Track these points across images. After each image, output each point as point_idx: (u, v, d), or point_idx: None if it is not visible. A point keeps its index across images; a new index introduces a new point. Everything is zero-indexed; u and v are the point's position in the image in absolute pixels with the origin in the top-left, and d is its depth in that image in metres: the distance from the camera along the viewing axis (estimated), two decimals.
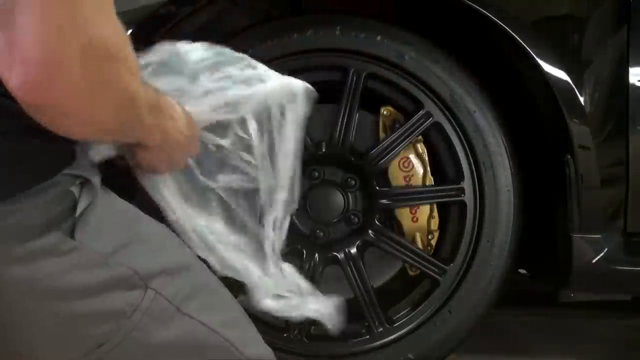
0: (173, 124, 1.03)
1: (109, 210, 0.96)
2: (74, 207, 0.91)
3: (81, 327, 0.91)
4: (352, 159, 1.79)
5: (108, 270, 0.91)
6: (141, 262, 0.94)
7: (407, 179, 1.81)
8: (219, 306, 1.02)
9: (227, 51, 1.14)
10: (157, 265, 0.96)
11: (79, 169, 0.93)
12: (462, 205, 1.78)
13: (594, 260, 1.76)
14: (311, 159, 1.80)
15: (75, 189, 0.91)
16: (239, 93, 1.08)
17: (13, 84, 0.78)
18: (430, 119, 1.76)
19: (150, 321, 0.93)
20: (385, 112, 1.82)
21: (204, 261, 1.08)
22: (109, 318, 0.92)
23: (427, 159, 1.81)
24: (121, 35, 0.85)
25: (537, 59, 1.70)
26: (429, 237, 1.83)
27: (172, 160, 1.09)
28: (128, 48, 0.87)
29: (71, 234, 0.90)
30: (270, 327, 1.78)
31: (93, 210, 0.92)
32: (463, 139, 1.76)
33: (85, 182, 0.93)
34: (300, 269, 1.77)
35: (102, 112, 0.85)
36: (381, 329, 1.78)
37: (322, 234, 1.82)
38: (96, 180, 0.95)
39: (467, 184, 1.77)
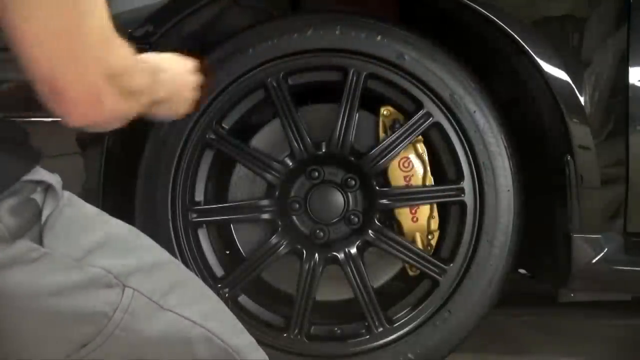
0: (164, 75, 1.18)
1: (75, 214, 0.97)
2: (39, 214, 0.92)
3: (61, 329, 0.92)
4: (352, 159, 1.79)
5: (81, 272, 0.92)
6: (114, 262, 0.95)
7: (407, 179, 1.81)
8: (197, 299, 1.03)
9: None
10: (131, 264, 0.97)
11: (39, 175, 0.94)
12: (462, 205, 1.78)
13: (594, 260, 1.76)
14: (311, 159, 1.80)
15: (37, 196, 0.93)
16: None
17: (63, 119, 0.94)
18: (430, 119, 1.76)
19: (133, 319, 0.94)
20: (385, 112, 1.82)
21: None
22: (90, 319, 0.92)
23: (427, 159, 1.81)
24: (126, 46, 0.98)
25: (537, 59, 1.70)
26: (429, 237, 1.83)
27: (180, 102, 1.28)
28: (132, 53, 0.99)
29: (39, 241, 0.91)
30: (270, 327, 1.79)
31: (59, 215, 0.93)
32: (463, 139, 1.76)
33: (48, 188, 0.94)
34: (301, 269, 1.79)
35: (132, 109, 1.02)
36: (381, 329, 1.78)
37: (322, 234, 1.82)
38: (58, 185, 0.96)
39: (467, 184, 1.77)
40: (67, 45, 0.90)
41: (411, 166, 1.81)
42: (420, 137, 1.80)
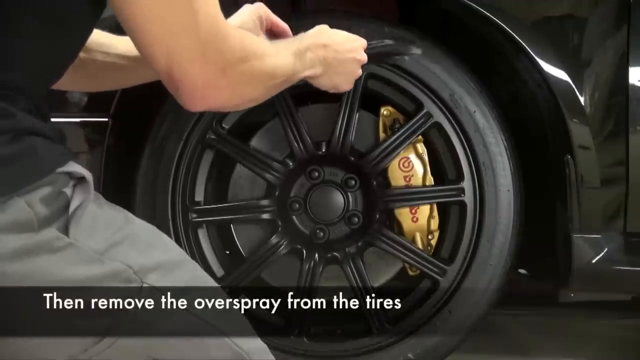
0: (325, 52, 1.33)
1: (100, 210, 0.99)
2: (67, 206, 0.94)
3: (79, 321, 0.94)
4: (352, 159, 1.79)
5: (102, 265, 0.94)
6: (135, 259, 0.97)
7: (407, 179, 1.81)
8: (212, 301, 1.04)
9: None
10: (151, 261, 0.99)
11: (72, 167, 0.96)
12: (462, 205, 1.78)
13: (594, 260, 1.76)
14: (311, 159, 1.80)
15: (68, 190, 0.95)
16: None
17: (183, 103, 1.07)
18: (431, 119, 1.76)
19: (149, 315, 0.96)
20: (385, 112, 1.82)
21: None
22: (107, 312, 0.94)
23: (427, 159, 1.81)
24: (241, 38, 1.09)
25: (537, 59, 1.70)
26: (429, 237, 1.83)
27: (346, 76, 1.43)
28: (250, 41, 1.11)
29: (65, 232, 0.93)
30: (271, 326, 1.79)
31: (85, 209, 0.96)
32: (463, 139, 1.76)
33: (77, 183, 0.97)
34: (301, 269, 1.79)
35: (257, 94, 1.17)
36: (381, 329, 1.78)
37: (322, 234, 1.82)
38: (90, 179, 0.98)
39: (467, 184, 1.77)
40: (183, 42, 1.00)
41: (411, 166, 1.81)
42: (420, 137, 1.80)
